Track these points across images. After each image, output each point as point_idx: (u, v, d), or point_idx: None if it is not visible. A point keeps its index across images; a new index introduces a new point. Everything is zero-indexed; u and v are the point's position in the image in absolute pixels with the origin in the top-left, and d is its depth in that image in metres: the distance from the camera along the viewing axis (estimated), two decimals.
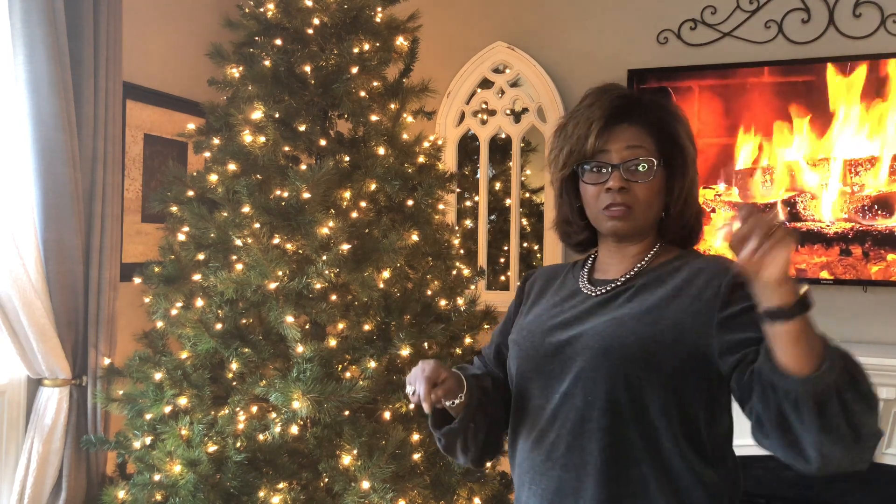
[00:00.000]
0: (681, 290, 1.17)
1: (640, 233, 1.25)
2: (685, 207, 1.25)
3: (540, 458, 1.22)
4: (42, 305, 2.44)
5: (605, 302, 1.23)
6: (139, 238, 3.14)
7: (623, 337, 1.15)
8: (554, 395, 1.21)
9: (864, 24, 3.18)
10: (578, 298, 1.28)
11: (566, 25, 3.63)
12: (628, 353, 1.14)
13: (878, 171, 3.09)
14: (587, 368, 1.17)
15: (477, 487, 2.31)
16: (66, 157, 2.48)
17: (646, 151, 1.22)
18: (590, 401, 1.16)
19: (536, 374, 1.25)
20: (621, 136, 1.22)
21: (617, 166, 1.21)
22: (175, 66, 3.29)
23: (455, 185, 2.96)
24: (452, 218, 3.61)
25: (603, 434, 1.15)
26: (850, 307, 3.20)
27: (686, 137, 1.25)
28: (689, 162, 1.24)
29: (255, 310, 2.28)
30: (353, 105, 2.34)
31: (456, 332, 2.42)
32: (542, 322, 1.29)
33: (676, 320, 1.15)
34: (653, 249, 1.26)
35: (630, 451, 1.14)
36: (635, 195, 1.21)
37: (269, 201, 2.21)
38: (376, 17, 2.47)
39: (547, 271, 1.42)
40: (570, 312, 1.26)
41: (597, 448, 1.15)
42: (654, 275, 1.23)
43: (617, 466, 1.14)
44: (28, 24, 2.38)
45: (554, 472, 1.19)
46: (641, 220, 1.23)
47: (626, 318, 1.17)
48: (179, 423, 2.20)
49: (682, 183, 1.23)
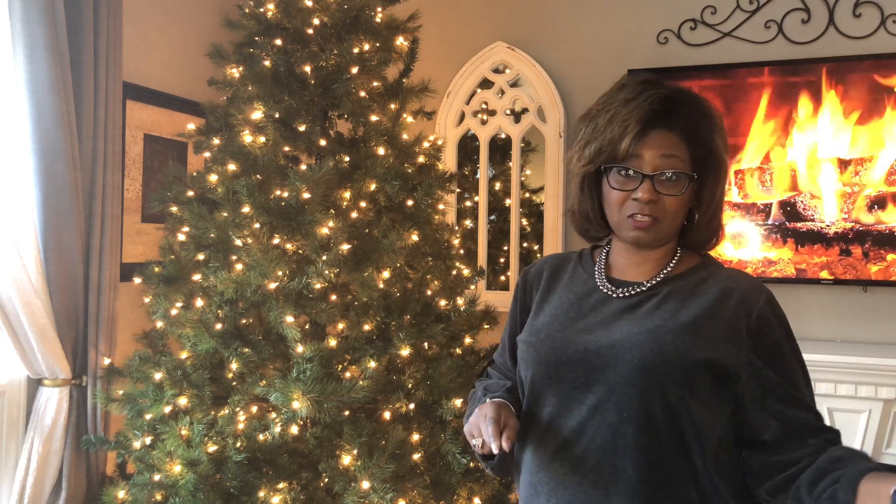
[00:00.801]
0: (714, 311, 1.15)
1: (663, 242, 1.21)
2: (713, 217, 1.21)
3: (564, 470, 1.16)
4: (42, 305, 2.44)
5: (630, 308, 1.18)
6: (139, 238, 3.14)
7: (664, 354, 1.11)
8: (579, 405, 1.16)
9: (864, 24, 3.18)
10: (596, 298, 1.23)
11: (566, 25, 3.63)
12: (669, 371, 1.10)
13: (878, 172, 3.09)
14: (622, 383, 1.12)
15: (477, 487, 2.31)
16: (66, 157, 2.48)
17: (680, 161, 1.15)
18: (625, 417, 1.12)
19: (554, 381, 1.19)
20: (657, 143, 1.15)
21: (649, 176, 1.14)
22: (175, 66, 3.29)
23: (455, 185, 2.96)
24: (452, 218, 3.61)
25: (639, 452, 1.11)
26: (850, 307, 3.20)
27: (722, 145, 1.19)
28: (722, 173, 1.19)
29: (255, 310, 2.28)
30: (353, 105, 2.34)
31: (456, 332, 2.42)
32: (562, 324, 1.22)
33: (713, 343, 1.13)
34: (676, 255, 1.23)
35: (665, 469, 1.11)
36: (664, 207, 1.15)
37: (269, 201, 2.21)
38: (376, 17, 2.47)
39: (550, 262, 1.34)
40: (593, 315, 1.21)
41: (632, 465, 1.11)
42: (680, 283, 1.19)
43: (653, 485, 1.11)
44: (28, 24, 2.38)
45: (581, 488, 1.14)
46: (665, 231, 1.18)
47: (662, 331, 1.13)
48: (179, 423, 2.20)
49: (713, 193, 1.19)
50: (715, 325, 1.14)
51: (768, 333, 1.15)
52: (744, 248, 3.28)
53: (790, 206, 3.21)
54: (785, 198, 3.22)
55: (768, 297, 1.18)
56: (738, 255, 3.28)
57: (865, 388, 2.94)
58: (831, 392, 2.98)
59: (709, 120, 1.18)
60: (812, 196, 3.18)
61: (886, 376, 2.89)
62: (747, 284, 1.19)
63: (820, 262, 3.17)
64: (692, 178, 1.16)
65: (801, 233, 3.19)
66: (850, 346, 3.11)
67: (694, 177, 1.17)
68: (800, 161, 3.20)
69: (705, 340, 1.13)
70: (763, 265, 3.24)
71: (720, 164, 1.18)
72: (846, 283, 3.14)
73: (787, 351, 1.16)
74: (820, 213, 3.17)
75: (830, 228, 3.15)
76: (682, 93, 1.20)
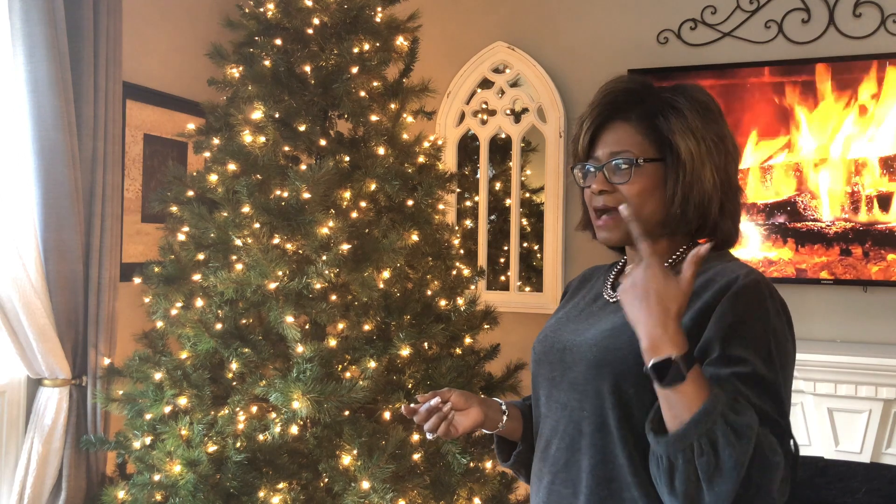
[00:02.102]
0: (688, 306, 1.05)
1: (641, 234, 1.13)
2: (689, 208, 1.12)
3: (545, 468, 1.18)
4: (42, 305, 2.44)
5: (616, 307, 1.15)
6: (139, 238, 3.14)
7: (618, 350, 1.08)
8: (556, 404, 1.18)
9: (864, 24, 3.18)
10: (599, 303, 1.22)
11: (566, 25, 3.63)
12: (622, 368, 1.07)
13: (878, 171, 3.09)
14: (581, 380, 1.12)
15: (477, 487, 2.31)
16: (66, 157, 2.48)
17: (631, 151, 1.13)
18: (585, 415, 1.11)
19: (543, 380, 1.22)
20: (610, 137, 1.16)
21: (600, 168, 1.15)
22: (175, 66, 3.29)
23: (455, 185, 2.95)
24: (452, 218, 3.61)
25: (594, 451, 1.10)
26: (850, 307, 3.20)
27: (685, 131, 1.12)
28: (682, 159, 1.12)
29: (255, 310, 2.28)
30: (353, 105, 2.34)
31: (456, 332, 2.42)
32: (559, 325, 1.24)
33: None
34: (676, 253, 1.17)
35: (619, 473, 1.07)
36: (619, 197, 1.13)
37: (269, 201, 2.21)
38: (376, 17, 2.47)
39: (587, 272, 1.35)
40: (585, 317, 1.21)
41: (588, 466, 1.10)
42: None
43: (608, 488, 1.08)
44: (28, 23, 2.38)
45: (554, 487, 1.15)
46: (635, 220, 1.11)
47: (624, 328, 1.06)
48: (179, 423, 2.20)
49: (675, 181, 1.12)
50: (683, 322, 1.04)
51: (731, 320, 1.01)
52: (744, 248, 3.27)
53: (790, 206, 3.21)
54: (785, 198, 3.22)
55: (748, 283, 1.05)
56: (738, 255, 3.27)
57: (865, 388, 2.94)
58: (831, 392, 2.98)
59: (673, 110, 1.14)
60: (812, 196, 3.18)
61: (886, 376, 2.89)
62: (732, 273, 1.07)
63: (820, 262, 3.17)
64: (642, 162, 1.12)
65: (802, 233, 3.19)
66: (850, 346, 3.11)
67: (639, 162, 1.12)
68: (800, 161, 3.20)
69: None
70: (763, 265, 3.24)
71: (677, 150, 1.12)
72: (846, 283, 3.14)
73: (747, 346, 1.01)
74: (820, 213, 3.17)
75: (830, 228, 3.15)
76: (648, 87, 1.18)
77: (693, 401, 0.93)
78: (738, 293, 1.04)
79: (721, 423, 0.92)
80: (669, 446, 0.94)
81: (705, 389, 0.94)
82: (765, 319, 1.03)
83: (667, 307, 0.97)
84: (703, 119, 1.14)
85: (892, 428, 2.95)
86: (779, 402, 1.00)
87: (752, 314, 1.03)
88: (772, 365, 1.01)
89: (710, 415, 0.92)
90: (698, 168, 1.12)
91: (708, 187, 1.13)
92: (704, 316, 1.04)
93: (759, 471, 0.93)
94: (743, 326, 1.02)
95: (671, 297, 0.97)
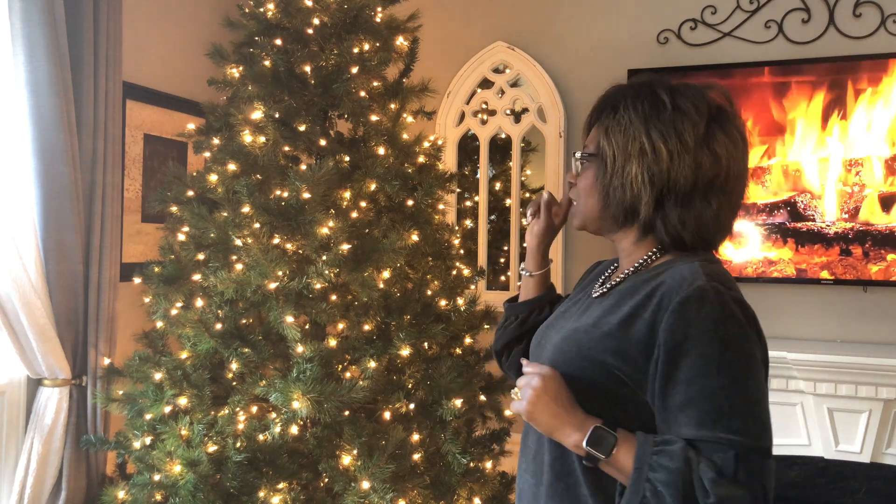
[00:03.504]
0: (636, 313, 1.07)
1: (591, 227, 1.24)
2: (615, 205, 1.15)
3: (522, 456, 1.26)
4: (42, 305, 2.44)
5: (589, 305, 1.21)
6: (139, 238, 3.14)
7: (569, 352, 1.13)
8: None
9: (864, 24, 3.18)
10: (583, 300, 1.26)
11: (566, 25, 3.63)
12: (570, 370, 1.10)
13: (878, 171, 3.09)
14: None
15: (477, 487, 2.31)
16: (66, 157, 2.48)
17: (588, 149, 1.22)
18: None
19: None
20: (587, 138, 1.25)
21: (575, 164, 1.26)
22: (175, 66, 3.29)
23: (455, 185, 2.95)
24: (452, 218, 3.61)
25: (552, 447, 1.14)
26: (850, 307, 3.20)
27: (614, 130, 1.14)
28: (607, 158, 1.15)
29: (255, 310, 2.28)
30: (353, 105, 2.34)
31: (456, 332, 2.42)
32: (553, 321, 1.29)
33: (619, 348, 1.06)
34: (649, 252, 1.17)
35: (573, 469, 1.12)
36: (577, 190, 1.24)
37: (269, 201, 2.21)
38: (376, 17, 2.47)
39: (594, 268, 1.40)
40: (570, 315, 1.25)
41: (549, 460, 1.15)
42: (631, 283, 1.14)
43: (565, 482, 1.13)
44: (28, 24, 2.38)
45: (526, 475, 1.23)
46: (582, 215, 1.23)
47: (579, 330, 1.14)
48: (179, 423, 2.20)
49: (601, 177, 1.16)
50: (630, 328, 1.06)
51: (675, 338, 1.01)
52: (744, 248, 3.28)
53: (790, 206, 3.21)
54: (785, 198, 3.22)
55: (690, 295, 1.02)
56: (738, 255, 3.28)
57: (865, 388, 2.94)
58: (831, 392, 2.98)
59: (613, 109, 1.17)
60: (812, 196, 3.18)
61: (886, 376, 2.89)
62: (679, 278, 1.06)
63: (820, 262, 3.17)
64: (584, 157, 1.22)
65: (802, 233, 3.19)
66: (850, 346, 3.11)
67: (580, 157, 1.22)
68: (800, 161, 3.20)
69: (613, 343, 1.07)
70: (763, 265, 3.24)
71: (603, 147, 1.16)
72: (846, 283, 3.14)
73: (694, 363, 1.00)
74: (820, 213, 3.17)
75: (830, 228, 3.15)
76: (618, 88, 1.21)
77: (625, 464, 1.03)
78: (682, 306, 1.02)
79: (648, 488, 0.99)
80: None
81: (632, 451, 1.02)
82: (710, 332, 1.01)
83: (557, 404, 1.08)
84: (644, 118, 1.13)
85: (892, 428, 2.95)
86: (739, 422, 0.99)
87: (696, 329, 1.01)
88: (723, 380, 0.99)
89: (639, 480, 1.00)
90: (619, 165, 1.14)
91: (633, 185, 1.12)
92: (651, 328, 1.04)
93: None
94: (688, 344, 1.01)
95: (550, 393, 1.08)
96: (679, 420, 1.01)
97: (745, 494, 0.96)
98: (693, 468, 0.96)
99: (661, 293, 1.06)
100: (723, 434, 0.98)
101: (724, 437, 0.98)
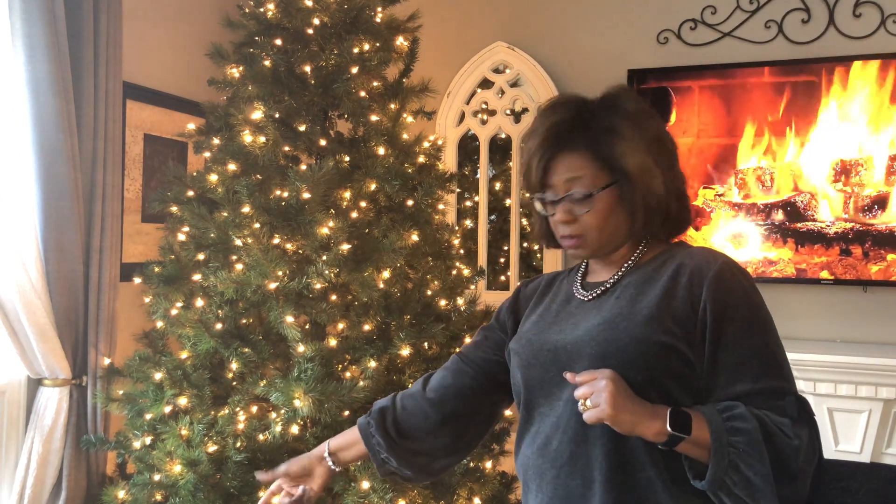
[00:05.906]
0: (668, 292, 1.16)
1: (606, 250, 1.25)
2: (651, 215, 1.21)
3: (545, 465, 1.21)
4: (42, 305, 2.44)
5: (597, 305, 1.23)
6: (139, 238, 3.14)
7: (619, 341, 1.15)
8: (557, 402, 1.21)
9: (864, 24, 3.18)
10: (573, 304, 1.28)
11: (566, 25, 3.63)
12: (626, 358, 1.13)
13: (878, 171, 3.09)
14: None
15: (477, 487, 2.31)
16: (66, 157, 2.48)
17: (587, 179, 1.20)
18: None
19: (539, 382, 1.25)
20: (561, 168, 1.21)
21: (558, 201, 1.21)
22: (175, 66, 3.29)
23: (455, 185, 2.96)
24: (452, 218, 3.61)
25: (606, 440, 1.14)
26: (850, 307, 3.20)
27: (630, 152, 1.19)
28: (635, 178, 1.19)
29: (255, 310, 2.28)
30: (353, 105, 2.34)
31: (456, 332, 2.42)
32: (539, 329, 1.29)
33: (667, 325, 1.14)
34: (638, 249, 1.26)
35: (633, 455, 1.13)
36: (584, 224, 1.21)
37: (269, 201, 2.21)
38: (376, 17, 2.47)
39: (547, 278, 1.41)
40: (567, 318, 1.26)
41: (601, 454, 1.14)
42: (640, 273, 1.23)
43: (623, 472, 1.13)
44: (28, 23, 2.38)
45: (560, 480, 1.19)
46: (597, 243, 1.23)
47: (617, 320, 1.17)
48: (179, 423, 2.20)
49: (631, 198, 1.20)
50: (668, 306, 1.15)
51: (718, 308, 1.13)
52: (744, 248, 3.28)
53: (790, 206, 3.21)
54: (785, 198, 3.22)
55: (720, 269, 1.16)
56: (738, 255, 3.28)
57: (865, 388, 2.94)
58: (831, 392, 2.98)
59: (615, 134, 1.20)
60: (812, 196, 3.19)
61: (886, 376, 2.89)
62: (700, 258, 1.19)
63: (820, 262, 3.17)
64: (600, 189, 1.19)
65: (801, 233, 3.19)
66: (850, 346, 3.11)
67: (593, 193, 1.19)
68: (800, 161, 3.20)
69: (659, 323, 1.14)
70: (763, 265, 3.24)
71: (628, 172, 1.19)
72: (846, 283, 3.14)
73: (739, 327, 1.14)
74: (820, 213, 3.17)
75: (830, 228, 3.15)
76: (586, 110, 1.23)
77: (702, 437, 1.07)
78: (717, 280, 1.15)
79: (733, 452, 1.05)
80: (710, 491, 1.07)
81: (704, 424, 1.07)
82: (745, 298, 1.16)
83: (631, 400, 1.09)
84: (640, 131, 1.21)
85: (892, 428, 2.95)
86: (786, 370, 1.16)
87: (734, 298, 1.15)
88: (765, 337, 1.15)
89: (721, 447, 1.05)
90: (649, 180, 1.20)
91: (662, 193, 1.21)
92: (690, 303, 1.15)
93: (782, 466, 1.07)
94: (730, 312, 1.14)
95: (622, 392, 1.09)
96: (735, 377, 1.12)
97: (811, 430, 1.13)
98: (765, 421, 1.07)
99: (688, 272, 1.17)
100: (776, 382, 1.13)
101: (778, 385, 1.13)
